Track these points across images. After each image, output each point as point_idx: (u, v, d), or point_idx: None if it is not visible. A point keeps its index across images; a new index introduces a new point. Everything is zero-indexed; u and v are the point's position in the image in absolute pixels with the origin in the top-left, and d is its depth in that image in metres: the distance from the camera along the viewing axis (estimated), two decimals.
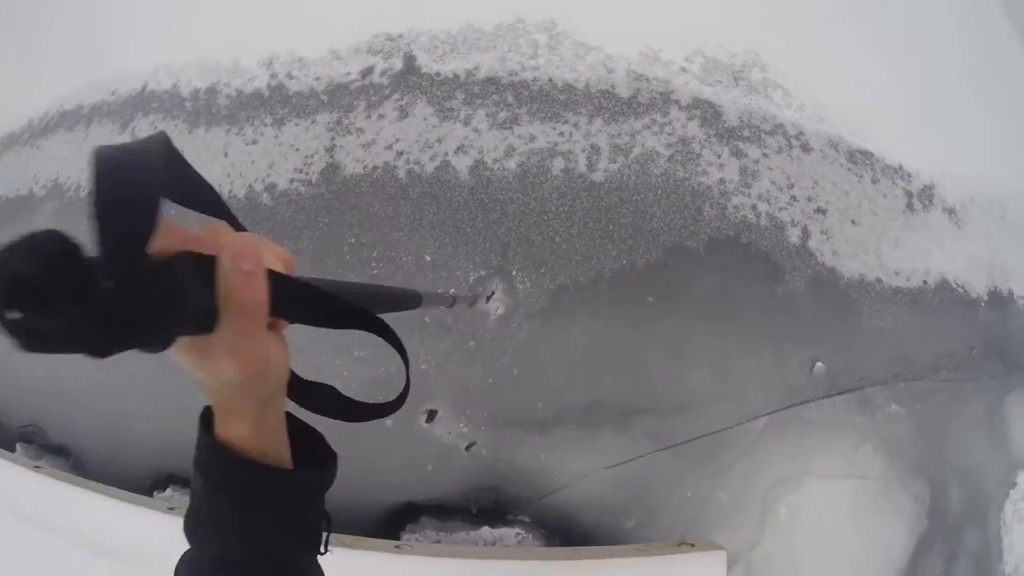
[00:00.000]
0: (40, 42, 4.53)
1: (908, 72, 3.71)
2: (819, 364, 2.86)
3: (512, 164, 2.56)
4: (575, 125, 2.64)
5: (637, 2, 2.95)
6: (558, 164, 2.58)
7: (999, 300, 3.50)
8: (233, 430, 0.64)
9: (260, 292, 0.57)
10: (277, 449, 0.69)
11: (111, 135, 3.59)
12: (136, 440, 3.13)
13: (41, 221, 3.71)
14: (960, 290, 3.40)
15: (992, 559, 3.19)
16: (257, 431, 0.65)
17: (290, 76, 2.96)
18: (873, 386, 2.98)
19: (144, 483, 3.07)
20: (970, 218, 3.62)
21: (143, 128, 3.40)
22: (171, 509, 2.32)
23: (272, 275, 0.58)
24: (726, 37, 3.05)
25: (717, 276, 2.67)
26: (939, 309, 3.26)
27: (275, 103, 2.93)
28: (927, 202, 3.45)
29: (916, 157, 3.49)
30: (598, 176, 2.58)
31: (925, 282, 3.28)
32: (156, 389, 2.98)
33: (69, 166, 3.79)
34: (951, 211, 3.55)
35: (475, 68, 2.74)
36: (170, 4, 3.68)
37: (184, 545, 0.72)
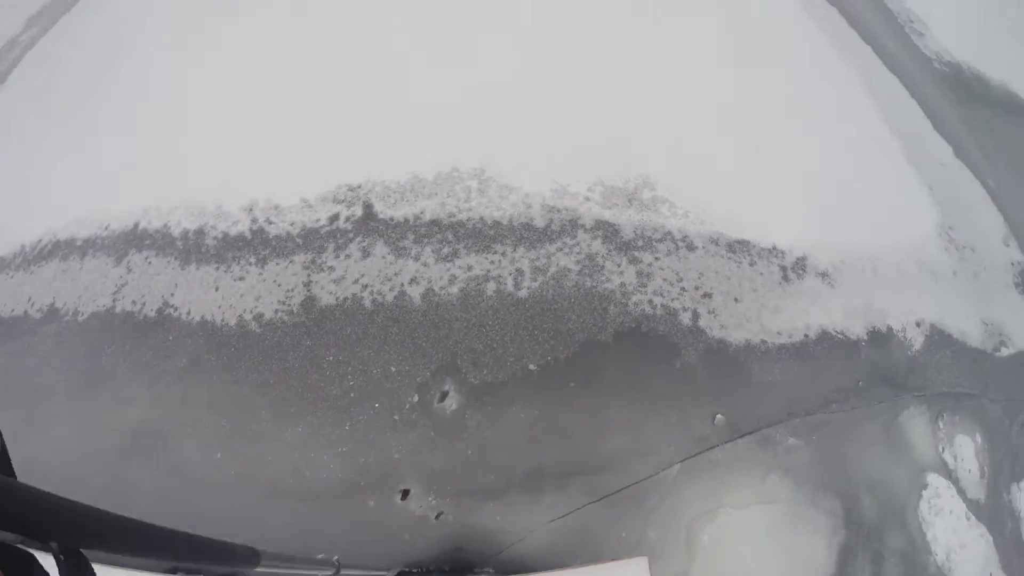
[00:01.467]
0: (31, 172, 5.21)
1: (777, 166, 4.69)
2: (719, 416, 3.69)
3: (455, 290, 3.39)
4: (503, 254, 3.49)
5: (549, 148, 3.87)
6: (491, 287, 3.42)
7: (879, 337, 4.37)
8: None
9: None
10: None
11: (105, 267, 4.30)
12: None
13: (39, 342, 4.37)
14: (840, 336, 4.28)
15: (920, 552, 3.85)
16: None
17: (269, 221, 3.75)
18: (770, 426, 3.80)
19: None
20: (842, 277, 4.55)
21: (137, 263, 4.13)
22: None
23: None
24: (621, 165, 3.98)
25: (625, 360, 3.51)
26: (822, 355, 4.11)
27: (257, 245, 3.72)
28: (800, 272, 4.37)
29: (788, 236, 4.43)
30: (523, 293, 3.43)
31: (806, 336, 4.15)
32: None
33: (65, 293, 4.46)
34: (824, 275, 4.48)
35: (421, 212, 3.59)
36: (158, 147, 4.44)
37: None
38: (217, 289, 3.76)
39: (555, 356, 3.41)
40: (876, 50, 8.45)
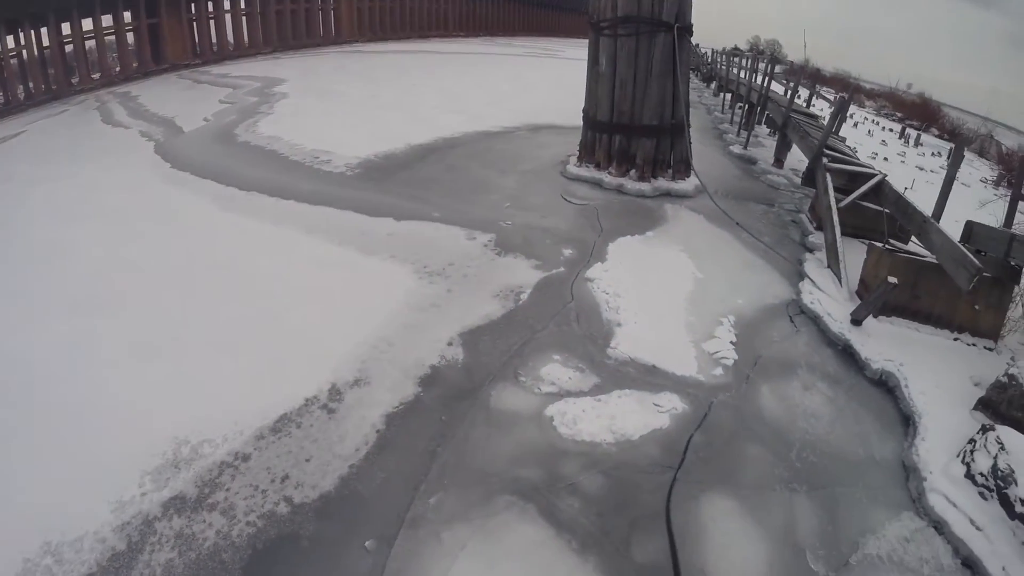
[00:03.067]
0: None
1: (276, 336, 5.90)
2: (369, 542, 4.58)
3: None
4: None
5: (79, 477, 4.47)
6: None
7: (432, 378, 5.81)
8: None
9: None
10: None
11: None
12: None
13: None
14: (415, 400, 5.60)
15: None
16: None
17: None
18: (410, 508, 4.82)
19: None
20: (371, 370, 6.00)
21: None
22: None
23: None
24: (147, 443, 4.87)
25: None
26: (404, 432, 5.31)
27: None
28: (338, 396, 5.72)
29: (308, 384, 5.68)
30: None
31: (378, 430, 5.32)
32: None
33: None
34: (357, 381, 5.86)
35: None
36: None
37: None
38: None
39: None
40: (300, 199, 10.46)
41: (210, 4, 34.58)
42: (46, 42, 26.84)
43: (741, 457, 5.20)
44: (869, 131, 37.25)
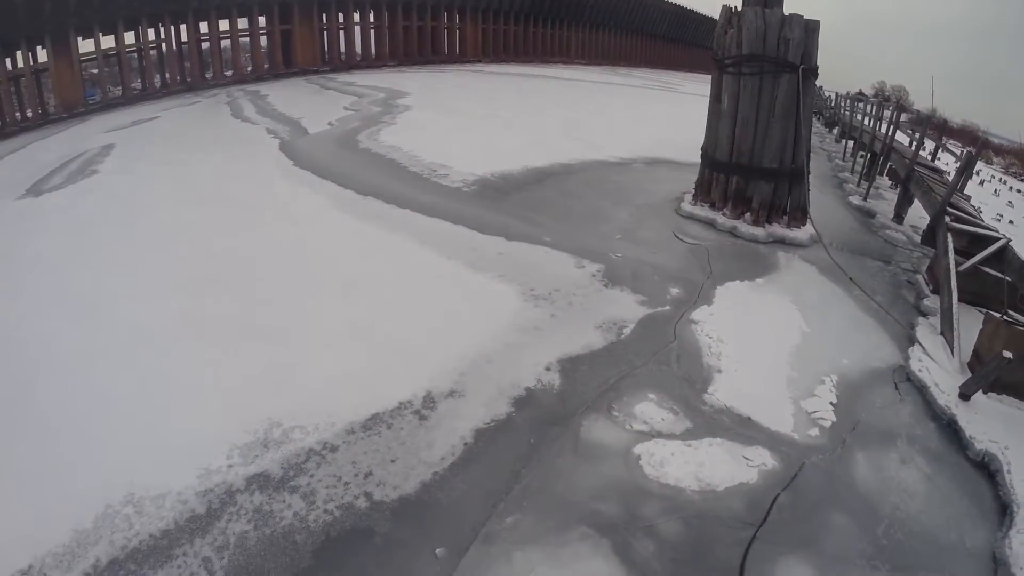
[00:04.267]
0: None
1: (379, 341, 6.05)
2: (439, 550, 4.63)
3: None
4: (185, 554, 4.10)
5: (174, 442, 4.73)
6: None
7: (525, 401, 5.76)
8: None
9: None
10: None
11: None
12: None
13: None
14: (502, 420, 5.61)
15: None
16: None
17: None
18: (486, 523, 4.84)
19: None
20: (469, 383, 6.09)
21: None
22: None
23: None
24: (240, 419, 5.08)
25: (331, 568, 4.37)
26: (487, 447, 5.30)
27: None
28: (432, 404, 5.80)
29: (404, 386, 5.79)
30: (220, 574, 4.14)
31: (466, 443, 5.35)
32: None
33: None
34: (452, 392, 5.93)
35: (97, 560, 4.01)
36: None
37: None
38: None
39: None
40: (415, 209, 10.73)
41: (340, 15, 36.80)
42: (184, 38, 29.39)
43: (826, 524, 4.88)
44: (995, 190, 34.49)
